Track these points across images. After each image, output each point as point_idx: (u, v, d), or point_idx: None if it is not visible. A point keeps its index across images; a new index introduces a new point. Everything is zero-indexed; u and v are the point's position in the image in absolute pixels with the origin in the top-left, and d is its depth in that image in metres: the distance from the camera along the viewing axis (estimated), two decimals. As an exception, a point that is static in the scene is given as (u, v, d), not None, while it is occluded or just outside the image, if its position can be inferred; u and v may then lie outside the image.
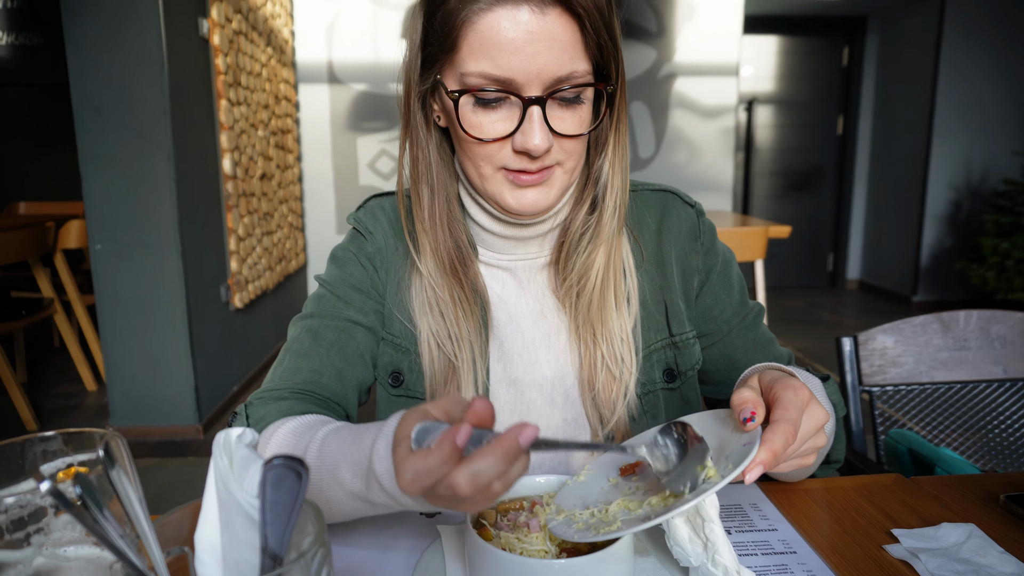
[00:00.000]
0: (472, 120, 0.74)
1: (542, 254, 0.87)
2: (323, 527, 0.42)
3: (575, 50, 0.71)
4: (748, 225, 3.12)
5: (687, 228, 0.90)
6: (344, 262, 0.89)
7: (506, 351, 0.86)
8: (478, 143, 0.74)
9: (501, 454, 0.47)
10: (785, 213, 6.23)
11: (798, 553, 0.68)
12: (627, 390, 0.84)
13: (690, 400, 0.91)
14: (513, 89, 0.71)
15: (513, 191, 0.77)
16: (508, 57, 0.69)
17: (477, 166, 0.77)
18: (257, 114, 3.65)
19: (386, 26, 4.48)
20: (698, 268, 0.90)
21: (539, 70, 0.70)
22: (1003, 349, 1.30)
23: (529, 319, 0.87)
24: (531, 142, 0.72)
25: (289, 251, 4.26)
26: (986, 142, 5.33)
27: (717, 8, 4.77)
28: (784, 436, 0.58)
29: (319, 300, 0.88)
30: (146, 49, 2.68)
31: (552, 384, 0.86)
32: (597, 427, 0.85)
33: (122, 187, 2.76)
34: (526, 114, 0.72)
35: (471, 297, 0.83)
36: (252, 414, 0.77)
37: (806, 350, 4.37)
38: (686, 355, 0.89)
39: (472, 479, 0.47)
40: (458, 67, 0.72)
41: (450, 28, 0.71)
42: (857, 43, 5.94)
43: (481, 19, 0.70)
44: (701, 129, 4.93)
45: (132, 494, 0.43)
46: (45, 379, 3.77)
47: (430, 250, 0.83)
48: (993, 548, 0.67)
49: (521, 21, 0.69)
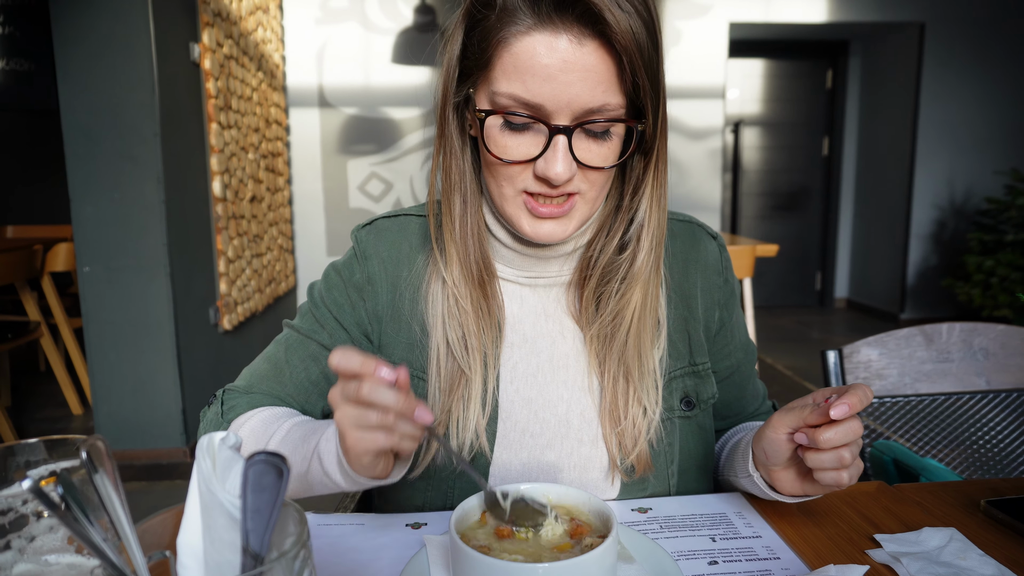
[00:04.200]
0: (498, 140, 0.73)
1: (563, 274, 0.86)
2: (305, 529, 0.42)
3: (609, 83, 0.69)
4: (736, 244, 3.15)
5: (712, 262, 0.90)
6: (332, 286, 0.88)
7: (520, 371, 0.84)
8: (501, 163, 0.74)
9: (396, 395, 0.58)
10: (773, 233, 6.29)
11: (782, 559, 0.69)
12: (651, 425, 0.82)
13: (705, 428, 0.89)
14: (542, 115, 0.70)
15: (531, 220, 0.76)
16: (540, 83, 0.68)
17: (499, 185, 0.76)
18: (247, 137, 3.67)
19: (376, 51, 4.54)
20: (720, 303, 0.91)
21: (570, 100, 0.69)
22: (985, 361, 1.31)
23: (547, 339, 0.85)
24: (552, 170, 0.71)
25: (279, 273, 4.25)
26: (968, 162, 5.42)
27: (703, 32, 4.86)
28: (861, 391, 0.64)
29: (304, 315, 0.89)
30: (137, 74, 2.70)
31: (568, 405, 0.84)
32: (616, 457, 0.82)
33: (111, 210, 2.76)
34: (551, 142, 0.71)
35: (492, 309, 0.82)
36: (226, 400, 0.85)
37: (796, 368, 4.38)
38: (705, 385, 0.88)
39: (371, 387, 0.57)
40: (490, 85, 0.72)
41: (486, 45, 0.71)
42: (840, 66, 6.05)
43: (517, 41, 0.69)
44: (689, 151, 5.00)
45: (115, 498, 0.43)
46: (30, 403, 3.72)
47: (458, 260, 0.81)
48: (973, 551, 0.67)
49: (558, 49, 0.67)
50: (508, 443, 0.82)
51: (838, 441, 0.63)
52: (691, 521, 0.77)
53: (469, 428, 0.80)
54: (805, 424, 0.66)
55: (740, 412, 0.97)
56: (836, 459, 0.64)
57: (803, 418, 0.66)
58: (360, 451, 0.60)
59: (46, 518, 0.47)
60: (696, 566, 0.68)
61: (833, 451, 0.64)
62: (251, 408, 0.83)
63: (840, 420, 0.63)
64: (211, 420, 0.85)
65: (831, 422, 0.64)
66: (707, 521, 0.77)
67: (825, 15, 5.01)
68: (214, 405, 0.86)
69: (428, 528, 0.75)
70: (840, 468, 0.65)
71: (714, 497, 0.83)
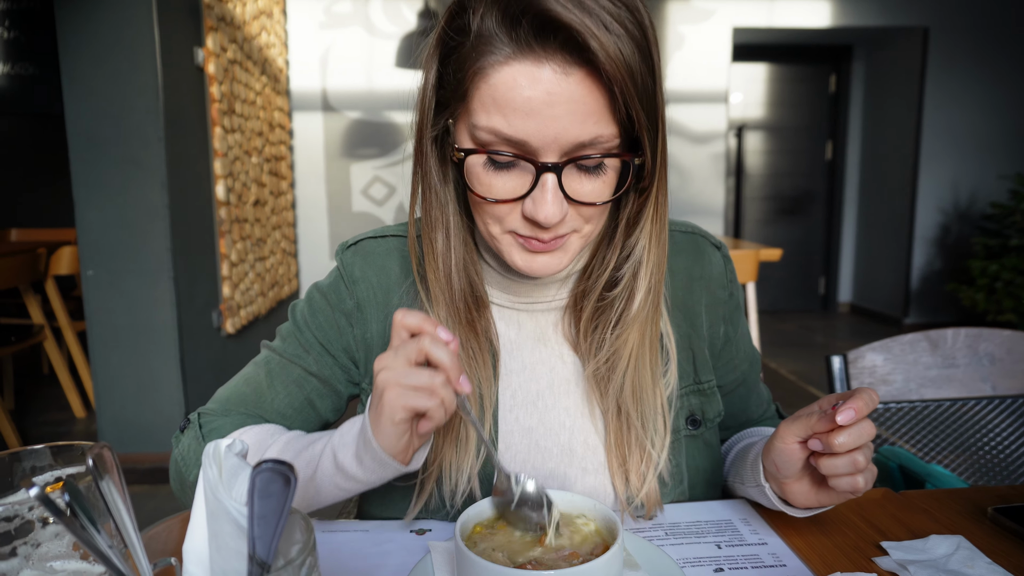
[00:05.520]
0: (482, 179, 0.67)
1: (559, 298, 0.82)
2: (312, 536, 0.42)
3: (600, 114, 0.63)
4: (739, 248, 3.14)
5: (716, 275, 0.87)
6: (317, 310, 0.84)
7: (519, 399, 0.80)
8: (487, 203, 0.69)
9: (451, 355, 0.61)
10: (776, 237, 6.28)
11: (788, 567, 0.68)
12: (659, 464, 0.78)
13: (712, 444, 0.87)
14: (527, 152, 0.64)
15: (523, 254, 0.72)
16: (523, 119, 0.62)
17: (486, 224, 0.71)
18: (251, 141, 3.68)
19: (380, 55, 4.55)
20: (725, 317, 0.88)
21: (557, 135, 0.63)
22: (991, 366, 1.31)
23: (544, 365, 0.81)
24: (541, 213, 0.65)
25: (282, 277, 4.26)
26: (973, 166, 5.41)
27: (706, 37, 4.86)
28: (867, 394, 0.63)
29: (286, 338, 0.85)
30: (141, 78, 2.71)
31: (571, 432, 0.80)
32: (623, 493, 0.78)
33: (115, 214, 2.77)
34: (539, 181, 0.65)
35: (484, 345, 0.78)
36: (204, 423, 0.80)
37: (800, 373, 4.37)
38: (711, 403, 0.85)
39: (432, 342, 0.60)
40: (470, 117, 0.66)
41: (462, 76, 0.64)
42: (844, 71, 6.05)
43: (496, 72, 0.62)
44: (692, 155, 5.00)
45: (121, 505, 0.43)
46: (33, 406, 3.73)
47: (444, 301, 0.76)
48: (981, 559, 0.67)
49: (541, 80, 0.61)
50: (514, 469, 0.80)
51: (851, 444, 0.63)
52: (696, 528, 0.77)
53: (463, 472, 0.76)
54: (813, 432, 0.65)
55: (745, 420, 0.96)
56: (850, 463, 0.64)
57: (811, 426, 0.66)
58: (398, 407, 0.60)
59: (52, 524, 0.47)
60: (701, 573, 0.67)
61: (847, 455, 0.64)
62: (236, 429, 0.79)
63: (850, 424, 0.63)
64: (189, 446, 0.79)
65: (840, 428, 0.63)
66: (713, 528, 0.76)
67: (829, 19, 5.01)
68: (190, 430, 0.80)
69: (432, 535, 0.75)
70: (855, 473, 0.64)
71: (720, 504, 0.83)
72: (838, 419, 0.62)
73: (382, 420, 0.62)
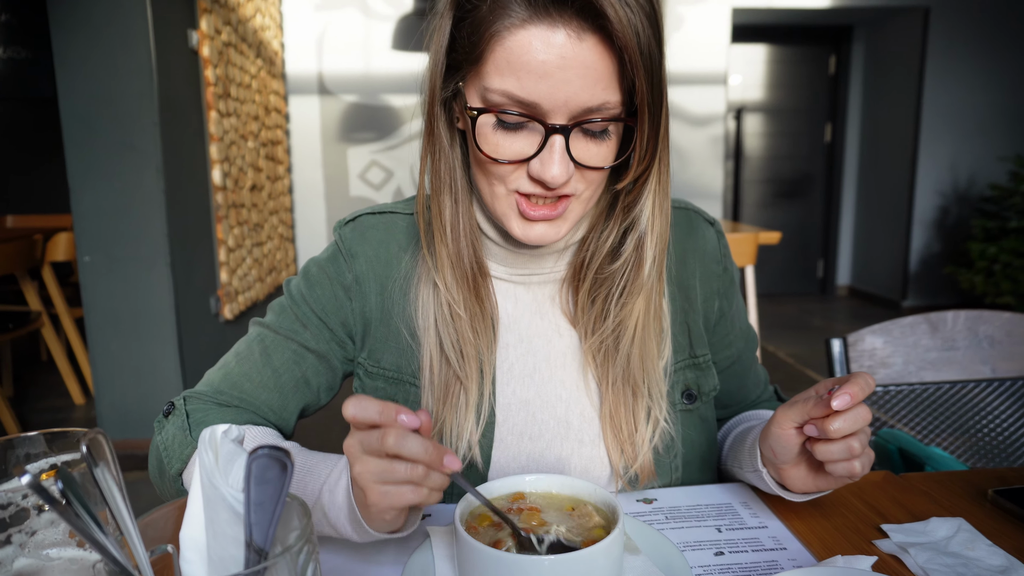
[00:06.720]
0: (490, 139, 0.69)
1: (557, 270, 0.83)
2: (309, 523, 0.41)
3: (609, 81, 0.65)
4: (738, 231, 3.13)
5: (710, 250, 0.88)
6: (314, 283, 0.84)
7: (517, 371, 0.82)
8: (493, 163, 0.70)
9: (424, 444, 0.54)
10: (775, 220, 6.27)
11: (788, 550, 0.68)
12: (656, 431, 0.80)
13: (707, 419, 0.88)
14: (537, 114, 0.67)
15: (521, 222, 0.73)
16: (535, 81, 0.64)
17: (490, 184, 0.73)
18: (247, 125, 3.65)
19: (376, 38, 4.50)
20: (719, 292, 0.89)
21: (567, 98, 0.65)
22: (991, 349, 1.31)
23: (542, 338, 0.82)
24: (548, 172, 0.67)
25: (279, 262, 4.24)
26: (972, 148, 5.39)
27: (705, 18, 4.81)
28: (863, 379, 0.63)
29: (280, 312, 0.84)
30: (135, 62, 2.68)
31: (567, 405, 0.81)
32: (618, 466, 0.80)
33: (111, 199, 2.75)
34: (547, 142, 0.67)
35: (486, 311, 0.79)
36: (192, 411, 0.77)
37: (798, 356, 4.38)
38: (707, 377, 0.87)
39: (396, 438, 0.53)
40: (482, 80, 0.67)
41: (477, 39, 0.66)
42: (843, 52, 6.00)
43: (511, 35, 0.64)
44: (691, 137, 4.97)
45: (116, 492, 0.42)
46: (32, 393, 3.73)
47: (450, 263, 0.77)
48: (982, 541, 0.67)
49: (555, 44, 0.63)
50: (506, 447, 0.81)
51: (847, 430, 0.62)
52: (697, 512, 0.76)
53: (463, 438, 0.77)
54: (809, 417, 0.65)
55: (742, 400, 0.96)
56: (845, 449, 0.63)
57: (807, 411, 0.65)
58: (384, 507, 0.57)
59: (47, 512, 0.47)
60: (702, 557, 0.67)
61: (842, 440, 0.63)
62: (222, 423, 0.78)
63: (845, 409, 0.62)
64: (174, 437, 0.76)
65: (836, 413, 0.63)
66: (713, 512, 0.76)
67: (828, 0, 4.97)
68: (174, 416, 0.77)
69: (432, 519, 0.75)
70: (851, 458, 0.64)
71: (720, 488, 0.83)
72: (833, 404, 0.62)
73: (371, 515, 0.59)
